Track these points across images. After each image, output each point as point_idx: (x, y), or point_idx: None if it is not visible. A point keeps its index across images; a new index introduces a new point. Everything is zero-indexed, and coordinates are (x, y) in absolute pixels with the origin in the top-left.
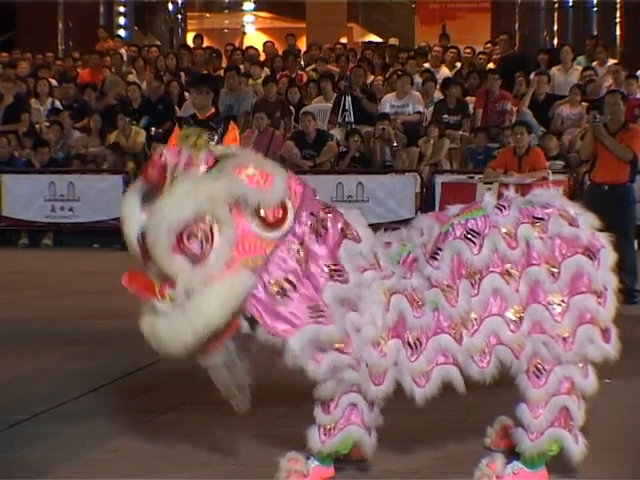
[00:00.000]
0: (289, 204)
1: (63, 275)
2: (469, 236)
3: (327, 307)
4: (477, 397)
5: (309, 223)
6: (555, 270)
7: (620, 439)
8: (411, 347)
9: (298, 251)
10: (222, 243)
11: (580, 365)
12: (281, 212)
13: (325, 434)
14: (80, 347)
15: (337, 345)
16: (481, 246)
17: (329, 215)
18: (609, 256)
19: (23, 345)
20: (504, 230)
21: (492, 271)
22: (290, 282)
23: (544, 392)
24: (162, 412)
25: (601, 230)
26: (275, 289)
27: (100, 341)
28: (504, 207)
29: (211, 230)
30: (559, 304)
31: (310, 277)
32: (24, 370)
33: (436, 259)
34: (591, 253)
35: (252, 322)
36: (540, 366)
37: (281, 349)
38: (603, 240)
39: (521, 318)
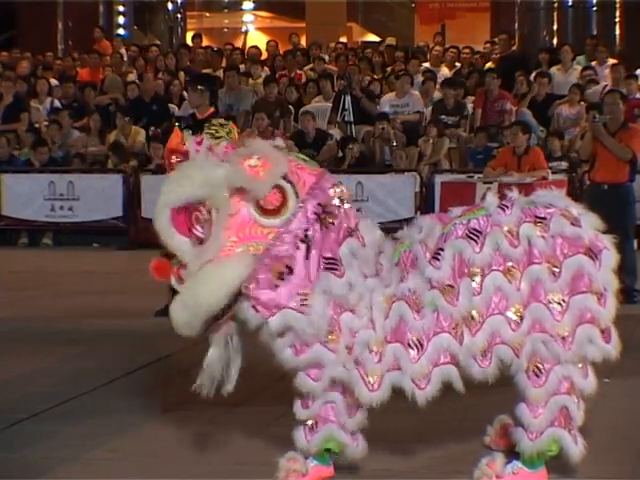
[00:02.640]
0: (291, 193)
1: (63, 274)
2: (471, 235)
3: (313, 296)
4: (476, 396)
5: (316, 213)
6: (556, 269)
7: (619, 440)
8: (412, 349)
9: (302, 239)
10: (218, 227)
11: (580, 365)
12: (281, 200)
13: (309, 432)
14: (80, 347)
15: (326, 339)
16: (483, 244)
17: (341, 210)
18: (611, 258)
19: (23, 344)
20: (506, 229)
21: (494, 269)
22: (288, 268)
23: (544, 392)
24: (162, 411)
25: (604, 231)
26: (274, 273)
27: (100, 341)
28: (507, 207)
29: (210, 214)
30: (559, 303)
31: (308, 266)
32: (24, 369)
33: (438, 259)
34: (593, 253)
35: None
36: (540, 365)
37: (259, 327)
38: (606, 241)
39: (522, 317)
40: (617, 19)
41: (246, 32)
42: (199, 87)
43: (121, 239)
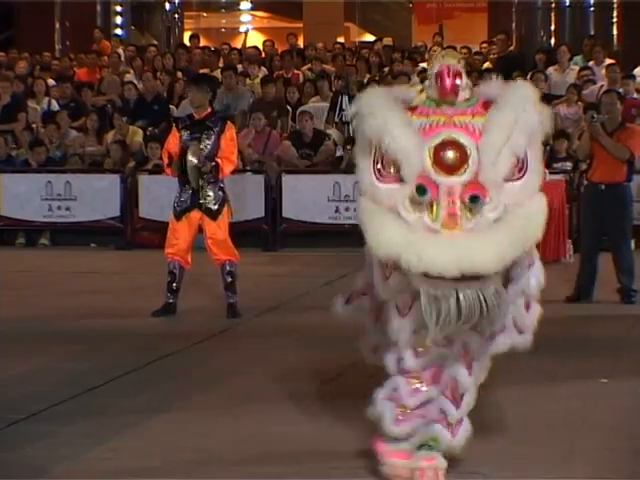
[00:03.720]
0: None
1: (61, 274)
2: None
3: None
4: (478, 397)
5: None
6: None
7: (619, 439)
8: None
9: None
10: (537, 163)
11: None
12: None
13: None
14: (79, 346)
15: None
16: None
17: None
18: None
19: (22, 344)
20: None
21: None
22: None
23: None
24: (162, 411)
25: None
26: None
27: (99, 340)
28: None
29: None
30: None
31: None
32: (23, 369)
33: None
34: None
35: None
36: None
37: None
38: None
39: None
40: (615, 19)
41: (246, 32)
42: (205, 87)
43: (118, 239)
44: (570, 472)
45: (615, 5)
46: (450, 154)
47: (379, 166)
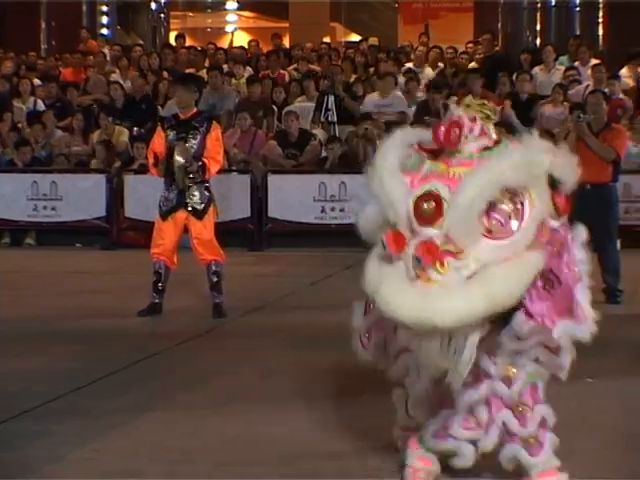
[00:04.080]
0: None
1: (47, 274)
2: None
3: (580, 307)
4: None
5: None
6: None
7: (619, 439)
8: None
9: (560, 246)
10: (532, 222)
11: None
12: (564, 202)
13: None
14: (65, 347)
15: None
16: None
17: None
18: None
19: (13, 344)
20: None
21: None
22: (553, 275)
23: None
24: (147, 411)
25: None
26: (540, 279)
27: (84, 340)
28: None
29: (522, 206)
30: None
31: (563, 275)
32: (16, 369)
33: None
34: None
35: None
36: None
37: (539, 336)
38: None
39: None
40: (600, 19)
41: (233, 32)
42: (192, 86)
43: (104, 239)
44: (570, 472)
45: (601, 5)
46: (426, 206)
47: None
